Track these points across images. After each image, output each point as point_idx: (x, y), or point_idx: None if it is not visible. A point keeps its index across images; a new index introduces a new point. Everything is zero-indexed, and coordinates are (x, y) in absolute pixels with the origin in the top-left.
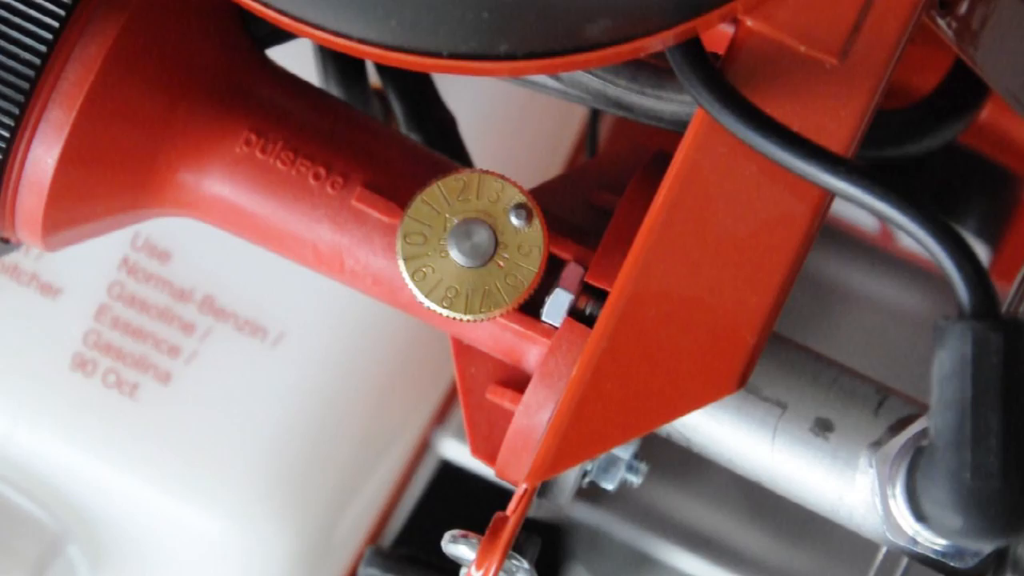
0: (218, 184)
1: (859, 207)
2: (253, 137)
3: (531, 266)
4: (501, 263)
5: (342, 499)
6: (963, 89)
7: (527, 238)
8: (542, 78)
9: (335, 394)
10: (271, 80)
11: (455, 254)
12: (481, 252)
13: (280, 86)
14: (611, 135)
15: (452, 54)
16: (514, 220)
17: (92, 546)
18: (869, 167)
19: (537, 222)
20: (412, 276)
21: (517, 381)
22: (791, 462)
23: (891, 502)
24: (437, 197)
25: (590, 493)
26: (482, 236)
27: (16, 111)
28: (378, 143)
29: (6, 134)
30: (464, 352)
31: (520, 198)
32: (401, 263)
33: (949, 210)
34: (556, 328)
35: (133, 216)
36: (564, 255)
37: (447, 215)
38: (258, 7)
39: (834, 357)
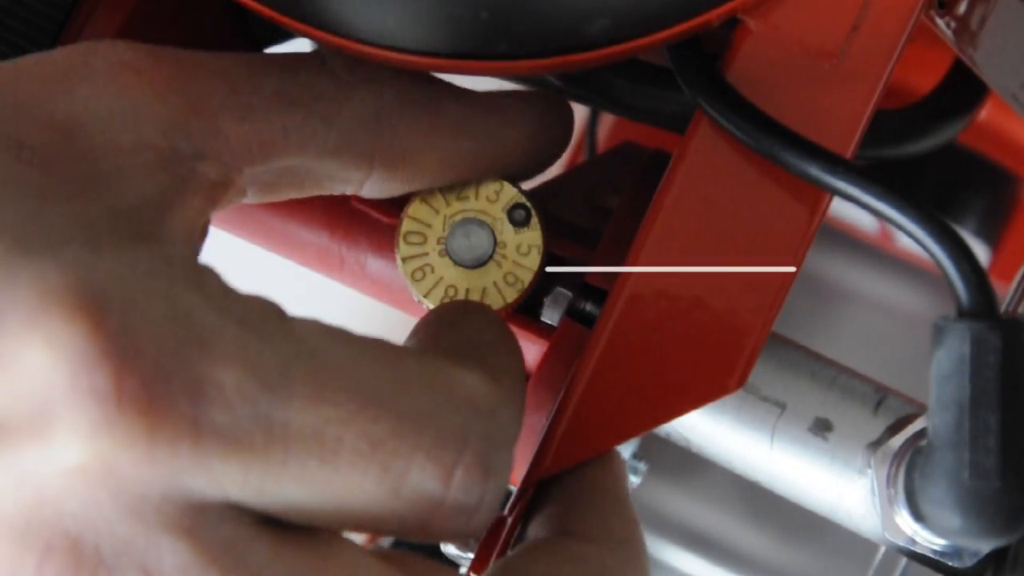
0: None
1: (859, 207)
2: None
3: (529, 266)
4: (499, 263)
5: None
6: (963, 89)
7: (525, 238)
8: (542, 77)
9: None
10: None
11: (454, 254)
12: (480, 252)
13: None
14: (611, 135)
15: (451, 54)
16: (512, 220)
17: None
18: (869, 167)
19: (535, 222)
20: (411, 276)
21: None
22: (790, 462)
23: (890, 502)
24: (436, 197)
25: None
26: (481, 236)
27: None
28: None
29: None
30: None
31: (519, 198)
32: (400, 263)
33: (949, 210)
34: (555, 328)
35: None
36: (563, 255)
37: (446, 215)
38: (258, 7)
39: (834, 357)
